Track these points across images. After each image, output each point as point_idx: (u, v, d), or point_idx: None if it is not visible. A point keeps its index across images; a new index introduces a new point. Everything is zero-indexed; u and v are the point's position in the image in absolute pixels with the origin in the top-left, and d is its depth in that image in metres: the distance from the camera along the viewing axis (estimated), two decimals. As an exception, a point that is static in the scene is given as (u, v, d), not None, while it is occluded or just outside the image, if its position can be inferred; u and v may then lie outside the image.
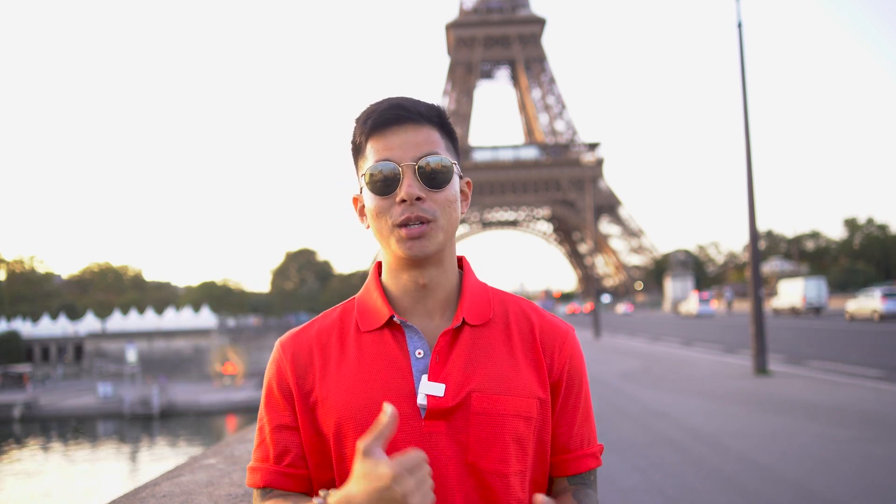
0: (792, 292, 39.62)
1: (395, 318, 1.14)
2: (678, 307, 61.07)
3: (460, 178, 1.17)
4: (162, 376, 45.54)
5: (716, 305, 55.21)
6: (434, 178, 1.10)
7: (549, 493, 1.20)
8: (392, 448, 1.07)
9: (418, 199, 1.09)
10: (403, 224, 1.09)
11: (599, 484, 5.61)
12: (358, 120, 1.16)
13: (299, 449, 1.14)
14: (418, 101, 1.15)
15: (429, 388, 1.09)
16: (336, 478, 1.13)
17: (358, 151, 1.16)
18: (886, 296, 27.53)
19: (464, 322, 1.15)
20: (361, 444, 0.90)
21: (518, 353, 1.16)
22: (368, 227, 1.17)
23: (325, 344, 1.17)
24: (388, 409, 0.91)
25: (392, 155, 1.10)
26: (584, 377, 1.21)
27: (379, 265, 1.24)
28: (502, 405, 1.10)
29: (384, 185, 1.10)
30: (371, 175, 1.11)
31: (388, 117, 1.12)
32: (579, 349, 1.21)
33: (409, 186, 1.08)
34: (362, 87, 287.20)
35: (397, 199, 1.09)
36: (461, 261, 1.24)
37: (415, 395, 1.10)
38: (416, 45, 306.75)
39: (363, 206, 1.17)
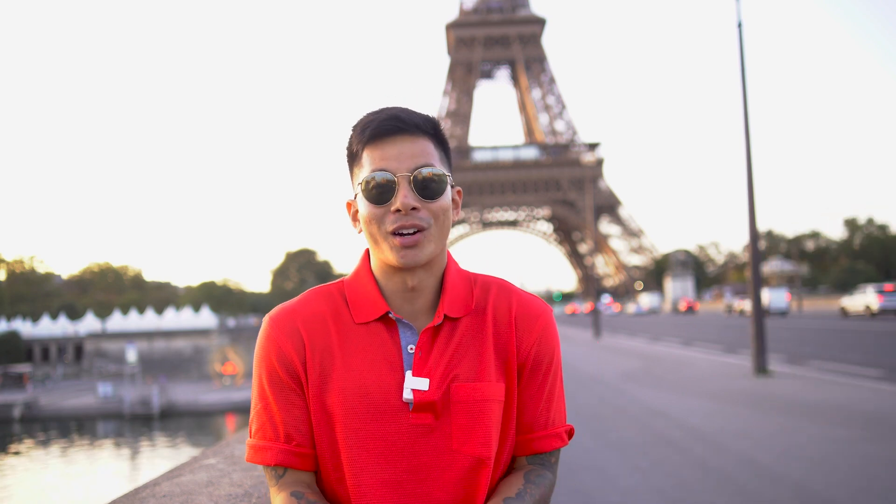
0: (643, 301, 77.16)
1: (390, 315, 1.17)
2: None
3: (452, 187, 1.20)
4: (162, 376, 45.56)
5: (619, 308, 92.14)
6: (428, 189, 1.14)
7: (508, 471, 1.23)
8: (384, 440, 1.13)
9: (413, 209, 1.12)
10: (397, 232, 1.12)
11: (600, 483, 5.54)
12: (355, 128, 1.19)
13: (308, 428, 1.17)
14: (414, 113, 1.17)
15: (413, 383, 1.13)
16: (321, 468, 1.18)
17: (354, 159, 1.20)
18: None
19: (445, 318, 1.18)
20: None
21: (490, 337, 1.19)
22: (361, 231, 1.19)
23: (322, 330, 1.19)
24: None
25: (388, 165, 1.13)
26: (555, 357, 1.23)
27: (367, 254, 1.25)
28: (479, 392, 1.15)
29: (380, 194, 1.13)
30: (367, 184, 1.14)
31: (385, 128, 1.14)
32: (552, 329, 1.23)
33: (404, 197, 1.11)
34: (363, 87, 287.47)
35: (392, 208, 1.12)
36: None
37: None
38: (416, 45, 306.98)
39: (356, 212, 1.20)
